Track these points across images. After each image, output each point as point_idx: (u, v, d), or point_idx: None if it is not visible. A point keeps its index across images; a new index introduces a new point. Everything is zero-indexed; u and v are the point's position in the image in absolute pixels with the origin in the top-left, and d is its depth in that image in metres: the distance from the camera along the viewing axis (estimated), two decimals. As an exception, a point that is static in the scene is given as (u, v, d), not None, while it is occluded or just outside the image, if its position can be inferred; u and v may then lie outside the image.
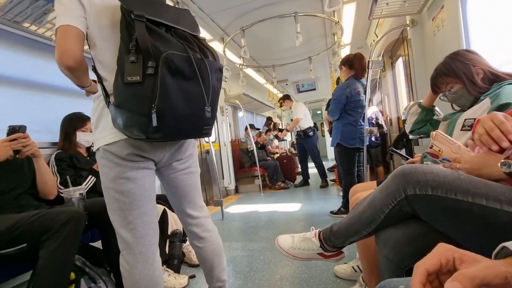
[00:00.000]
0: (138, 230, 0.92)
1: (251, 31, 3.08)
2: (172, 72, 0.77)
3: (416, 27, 2.28)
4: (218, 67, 0.89)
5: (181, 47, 0.80)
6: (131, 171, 0.90)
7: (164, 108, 0.77)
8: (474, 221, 0.59)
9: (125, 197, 0.90)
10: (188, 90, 0.80)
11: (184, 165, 1.04)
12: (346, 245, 0.92)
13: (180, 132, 0.86)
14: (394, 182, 0.70)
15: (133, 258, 0.92)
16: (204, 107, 0.85)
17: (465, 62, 1.13)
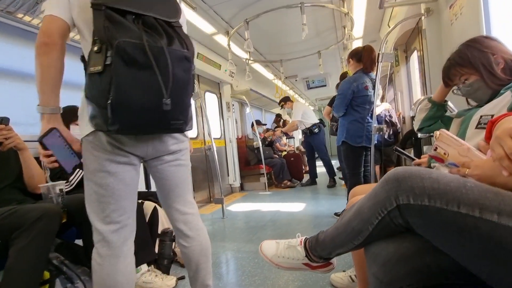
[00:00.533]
0: (114, 224, 0.89)
1: (256, 23, 2.97)
2: (126, 62, 0.72)
3: (432, 16, 2.08)
4: (183, 56, 0.81)
5: (139, 35, 0.74)
6: (111, 165, 0.87)
7: (118, 100, 0.72)
8: (481, 242, 0.46)
9: (104, 190, 0.87)
10: (144, 81, 0.74)
11: (173, 156, 1.00)
12: (333, 256, 0.81)
13: (139, 125, 0.80)
14: (384, 189, 0.58)
15: (107, 251, 0.88)
16: (162, 100, 0.77)
17: (483, 50, 0.97)
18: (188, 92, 0.86)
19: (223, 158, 4.46)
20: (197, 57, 3.53)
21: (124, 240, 0.91)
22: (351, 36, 3.06)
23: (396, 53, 3.45)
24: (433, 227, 0.52)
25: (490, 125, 0.52)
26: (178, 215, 1.04)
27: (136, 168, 0.95)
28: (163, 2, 0.88)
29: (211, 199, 3.91)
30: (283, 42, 3.93)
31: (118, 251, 0.89)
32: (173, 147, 0.99)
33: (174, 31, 0.84)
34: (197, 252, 1.05)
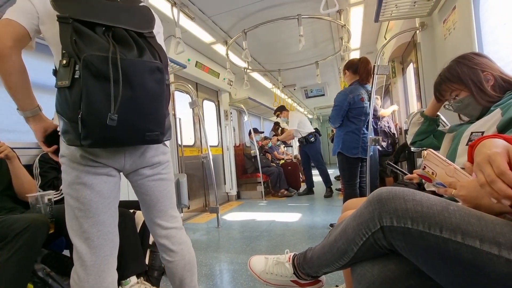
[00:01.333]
0: (92, 240, 0.86)
1: (255, 34, 3.00)
2: (95, 75, 0.71)
3: (426, 30, 2.11)
4: (155, 67, 0.79)
5: (106, 47, 0.72)
6: (87, 176, 0.85)
7: (88, 114, 0.71)
8: (464, 268, 0.45)
9: (80, 203, 0.84)
10: (114, 94, 0.72)
11: (153, 171, 0.97)
12: (321, 275, 0.79)
13: (112, 139, 0.78)
14: (368, 210, 0.57)
15: (84, 271, 0.84)
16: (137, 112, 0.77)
17: (472, 67, 0.98)
18: (162, 103, 0.83)
19: (220, 166, 4.45)
20: (196, 66, 3.56)
21: (104, 256, 0.88)
22: (348, 47, 3.09)
23: (393, 64, 3.49)
24: (416, 250, 0.51)
25: (470, 149, 0.52)
26: (160, 230, 1.02)
27: (115, 180, 0.92)
28: (135, 13, 0.87)
29: (206, 208, 3.88)
30: (281, 52, 3.97)
31: (97, 270, 0.86)
32: (153, 160, 0.96)
33: (146, 42, 0.83)
34: (180, 267, 1.03)
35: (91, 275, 0.85)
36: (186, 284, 1.05)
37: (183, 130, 3.47)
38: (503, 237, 0.44)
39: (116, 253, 0.93)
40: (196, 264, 1.09)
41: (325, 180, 4.24)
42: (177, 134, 3.33)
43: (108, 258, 0.89)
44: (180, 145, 3.39)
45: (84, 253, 0.85)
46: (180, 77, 3.51)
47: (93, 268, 0.85)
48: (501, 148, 0.46)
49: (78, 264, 0.86)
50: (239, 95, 4.90)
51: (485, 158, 0.46)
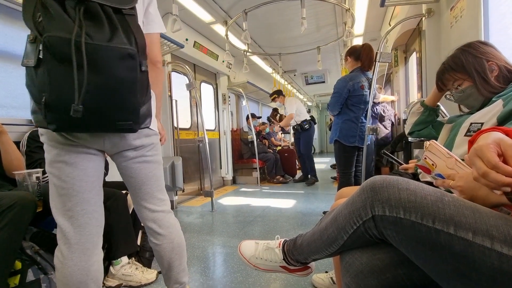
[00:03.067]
0: (77, 219, 0.84)
1: (256, 15, 2.90)
2: (58, 59, 0.65)
3: (433, 17, 2.04)
4: (125, 53, 0.71)
5: (70, 28, 0.65)
6: (69, 154, 0.82)
7: (52, 100, 0.67)
8: (454, 260, 0.44)
9: (63, 182, 0.82)
10: (78, 82, 0.66)
11: (137, 153, 0.94)
12: (310, 261, 0.79)
13: (79, 126, 0.74)
14: (360, 198, 0.55)
15: (68, 248, 0.84)
16: (106, 101, 0.72)
17: (477, 56, 0.94)
18: (135, 91, 0.77)
19: (216, 150, 4.43)
20: (194, 46, 3.45)
21: (89, 235, 0.86)
22: (351, 33, 3.00)
23: (396, 53, 3.41)
24: (406, 240, 0.49)
25: (469, 144, 0.50)
26: (147, 213, 1.00)
27: (98, 158, 0.90)
28: None
29: (201, 191, 3.89)
30: (283, 36, 3.85)
31: (82, 247, 0.85)
32: (136, 142, 0.92)
33: (122, 20, 0.75)
34: (168, 250, 1.02)
35: (75, 253, 0.84)
36: (174, 267, 1.05)
37: (180, 112, 3.41)
38: (496, 230, 0.42)
39: (101, 232, 0.92)
40: (185, 247, 1.09)
41: (310, 169, 4.31)
42: (173, 116, 3.28)
43: (93, 236, 0.88)
44: (176, 127, 3.34)
45: (68, 231, 0.84)
46: (178, 57, 3.41)
47: (77, 246, 0.85)
48: (491, 141, 0.44)
49: (62, 243, 0.85)
50: (238, 79, 4.81)
51: (474, 152, 0.45)
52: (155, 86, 1.01)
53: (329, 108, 2.37)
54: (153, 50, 1.00)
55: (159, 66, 1.05)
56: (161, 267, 1.05)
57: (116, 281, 1.42)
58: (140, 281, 1.42)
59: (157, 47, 1.03)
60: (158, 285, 1.43)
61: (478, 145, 0.47)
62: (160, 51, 1.06)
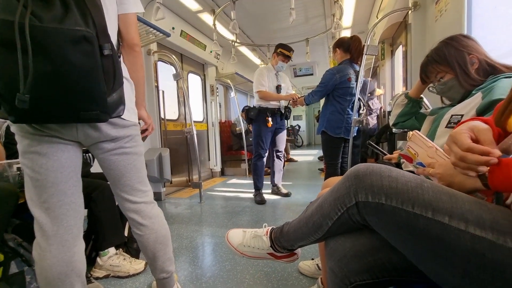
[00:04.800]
0: (53, 210, 0.82)
1: (244, 4, 2.85)
2: (2, 44, 0.60)
3: (419, 11, 2.07)
4: (79, 36, 0.64)
5: (13, 7, 0.59)
6: (41, 145, 0.79)
7: (3, 89, 0.63)
8: (430, 243, 0.46)
9: (37, 173, 0.80)
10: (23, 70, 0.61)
11: (114, 145, 0.91)
12: (296, 248, 0.81)
13: (37, 117, 0.70)
14: (345, 185, 0.57)
15: (46, 241, 0.82)
16: (61, 89, 0.67)
17: (459, 49, 0.97)
18: (96, 78, 0.70)
19: (204, 142, 4.40)
20: (181, 35, 3.37)
21: (67, 227, 0.84)
22: (339, 25, 3.01)
23: (383, 46, 3.45)
24: (387, 225, 0.51)
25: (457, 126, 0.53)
26: (128, 205, 0.99)
27: (74, 149, 0.87)
28: None
29: (189, 183, 3.87)
30: (271, 27, 3.82)
31: (60, 239, 0.83)
32: (112, 132, 0.88)
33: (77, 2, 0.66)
34: (152, 240, 1.01)
35: (53, 244, 0.82)
36: (159, 257, 1.04)
37: (167, 103, 3.35)
38: (471, 214, 0.45)
39: (81, 224, 0.90)
40: (170, 237, 1.08)
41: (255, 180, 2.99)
42: (160, 107, 3.21)
43: (72, 228, 0.86)
44: (163, 119, 3.29)
45: (45, 223, 0.82)
46: (164, 46, 3.33)
47: (55, 238, 0.83)
48: (465, 127, 0.48)
49: (40, 235, 0.83)
50: (226, 70, 4.75)
51: (450, 139, 0.48)
52: (133, 71, 0.96)
53: (311, 95, 2.37)
54: (129, 32, 0.93)
55: (137, 49, 0.97)
56: (146, 257, 1.05)
57: (103, 272, 1.41)
58: (128, 271, 1.42)
59: (134, 28, 0.95)
60: (147, 274, 1.43)
61: (453, 131, 0.49)
62: (138, 33, 0.99)
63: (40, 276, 0.83)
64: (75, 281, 0.86)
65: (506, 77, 0.89)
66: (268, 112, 2.79)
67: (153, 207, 1.04)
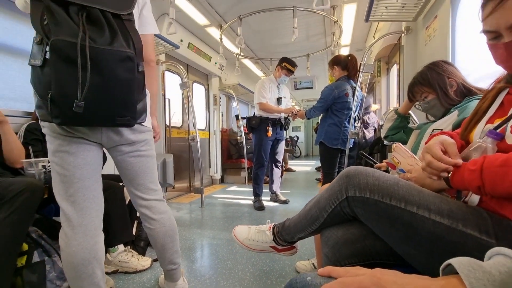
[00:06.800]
0: (78, 203, 0.93)
1: (250, 21, 3.04)
2: (64, 60, 0.72)
3: (411, 34, 2.26)
4: (125, 56, 0.79)
5: (75, 32, 0.72)
6: (71, 145, 0.90)
7: (57, 95, 0.75)
8: (403, 228, 0.59)
9: (65, 170, 0.90)
10: (81, 81, 0.74)
11: (131, 148, 1.03)
12: (296, 240, 0.93)
13: (81, 120, 0.82)
14: (338, 183, 0.70)
15: (72, 230, 0.92)
16: (107, 98, 0.80)
17: (440, 73, 1.13)
18: (133, 90, 0.85)
19: (206, 150, 4.52)
20: (188, 47, 3.55)
21: (90, 218, 0.94)
22: (338, 43, 3.21)
23: (379, 64, 3.65)
24: (371, 215, 0.64)
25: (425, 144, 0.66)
26: (140, 201, 1.10)
27: (97, 149, 0.98)
28: None
29: (191, 189, 3.97)
30: (274, 42, 4.02)
31: (85, 229, 0.92)
32: (131, 138, 1.00)
33: (121, 25, 0.83)
34: (161, 233, 1.11)
35: (79, 233, 0.92)
36: (168, 249, 1.14)
37: (172, 111, 3.49)
38: (433, 205, 0.57)
39: (101, 216, 1.00)
40: (177, 231, 1.18)
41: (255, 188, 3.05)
42: (166, 114, 3.35)
43: (94, 219, 0.96)
44: (168, 126, 3.42)
45: (71, 214, 0.92)
46: (172, 57, 3.50)
47: (80, 228, 0.92)
48: (437, 141, 0.62)
49: (66, 225, 0.93)
50: (229, 81, 4.93)
51: (425, 149, 0.62)
52: (149, 84, 1.09)
53: (311, 110, 2.53)
54: (147, 50, 1.07)
55: (152, 65, 1.13)
56: (156, 249, 1.15)
57: (112, 267, 1.50)
58: (135, 267, 1.51)
59: (151, 47, 1.12)
60: (153, 271, 1.53)
61: (428, 144, 0.63)
62: (154, 51, 1.15)
63: (66, 262, 0.93)
64: (96, 267, 0.96)
65: (478, 98, 1.04)
66: (269, 122, 2.92)
67: (162, 204, 1.16)
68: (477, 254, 0.37)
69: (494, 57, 0.59)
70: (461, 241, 0.54)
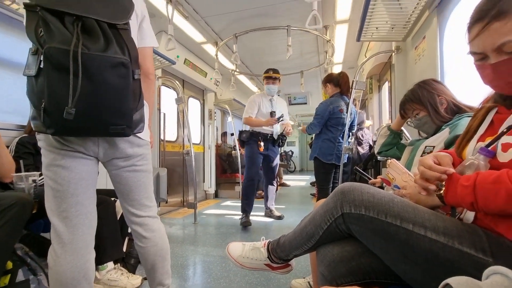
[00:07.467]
0: (70, 220, 0.90)
1: (245, 38, 3.12)
2: (56, 67, 0.72)
3: (401, 53, 2.34)
4: (120, 62, 0.78)
5: (69, 39, 0.72)
6: (65, 159, 0.89)
7: (50, 105, 0.74)
8: (399, 246, 0.59)
9: (59, 184, 0.88)
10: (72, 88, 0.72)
11: (127, 162, 1.00)
12: (291, 258, 0.91)
13: (74, 129, 0.80)
14: (333, 199, 0.70)
15: (62, 247, 0.88)
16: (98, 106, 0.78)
17: (430, 91, 1.16)
18: (126, 97, 0.82)
19: (200, 164, 4.48)
20: (184, 63, 3.60)
21: (82, 235, 0.91)
22: (331, 61, 3.30)
23: (371, 81, 3.75)
24: (366, 232, 0.63)
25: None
26: (133, 218, 1.06)
27: (93, 164, 0.95)
28: (110, 2, 0.85)
29: (184, 204, 3.90)
30: (269, 59, 4.11)
31: (75, 247, 0.89)
32: (127, 151, 0.98)
33: (116, 34, 0.82)
34: (152, 252, 1.07)
35: (69, 251, 0.89)
36: (158, 269, 1.10)
37: (167, 125, 3.49)
38: (429, 222, 0.58)
39: (93, 233, 0.97)
40: (169, 251, 1.14)
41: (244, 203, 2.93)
42: (160, 128, 3.34)
43: (85, 237, 0.93)
44: (162, 139, 3.40)
45: (62, 231, 0.89)
46: (168, 72, 3.54)
47: (71, 245, 0.89)
48: (431, 155, 0.64)
49: (56, 242, 0.89)
50: (225, 96, 4.98)
51: (419, 163, 0.64)
52: (147, 96, 1.08)
53: (310, 127, 2.57)
54: (146, 63, 1.07)
55: (151, 78, 1.12)
56: (145, 269, 1.11)
57: (101, 286, 1.44)
58: (125, 286, 1.45)
59: (150, 60, 1.12)
60: (143, 290, 1.47)
61: (421, 158, 0.66)
62: (153, 64, 1.15)
63: (54, 281, 0.89)
64: (85, 287, 0.92)
65: (468, 116, 1.07)
66: (260, 136, 2.87)
67: (156, 221, 1.12)
68: (473, 272, 0.37)
69: (482, 77, 0.62)
70: (458, 259, 0.54)
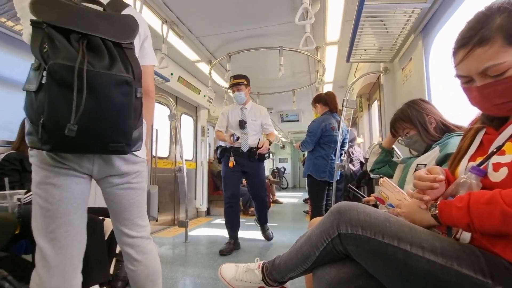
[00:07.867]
0: (59, 240, 0.85)
1: (238, 58, 3.19)
2: (59, 84, 0.72)
3: (389, 74, 2.43)
4: (122, 80, 0.79)
5: (74, 56, 0.73)
6: (58, 177, 0.86)
7: (49, 120, 0.73)
8: (397, 267, 0.58)
9: (49, 203, 0.84)
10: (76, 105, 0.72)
11: (122, 180, 0.97)
12: (286, 280, 0.88)
13: (72, 146, 0.79)
14: (329, 219, 0.69)
15: (47, 271, 0.83)
16: (100, 123, 0.78)
17: (420, 111, 1.20)
18: (128, 115, 0.83)
19: (192, 181, 4.42)
20: (178, 80, 3.64)
21: (70, 257, 0.87)
22: (322, 80, 3.40)
23: (361, 100, 3.86)
24: (363, 253, 0.63)
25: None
26: (125, 238, 1.01)
27: (86, 182, 0.93)
28: (115, 22, 0.86)
29: (175, 222, 3.79)
30: (261, 77, 4.20)
31: (62, 271, 0.85)
32: (122, 169, 0.96)
33: (121, 52, 0.83)
34: (142, 276, 1.02)
35: (54, 276, 0.84)
36: None
37: (159, 141, 3.45)
38: (426, 242, 0.57)
39: (82, 255, 0.92)
40: (160, 275, 1.09)
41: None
42: (153, 145, 3.31)
43: (74, 259, 0.88)
44: (154, 156, 3.36)
45: (49, 254, 0.84)
46: (162, 89, 3.55)
47: (57, 269, 0.84)
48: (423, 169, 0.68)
49: (41, 265, 0.84)
50: (218, 113, 4.97)
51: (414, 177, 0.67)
52: (146, 113, 1.07)
53: (304, 145, 2.59)
54: (147, 81, 1.07)
55: (151, 95, 1.13)
56: None
57: (84, 313, 1.35)
58: (110, 312, 1.36)
59: (151, 78, 1.13)
60: (130, 317, 1.38)
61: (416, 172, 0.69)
62: (153, 82, 1.16)
63: None
64: None
65: (457, 135, 1.10)
66: (231, 151, 2.57)
67: (149, 243, 1.07)
68: None
69: (469, 99, 0.65)
70: (457, 280, 0.53)
